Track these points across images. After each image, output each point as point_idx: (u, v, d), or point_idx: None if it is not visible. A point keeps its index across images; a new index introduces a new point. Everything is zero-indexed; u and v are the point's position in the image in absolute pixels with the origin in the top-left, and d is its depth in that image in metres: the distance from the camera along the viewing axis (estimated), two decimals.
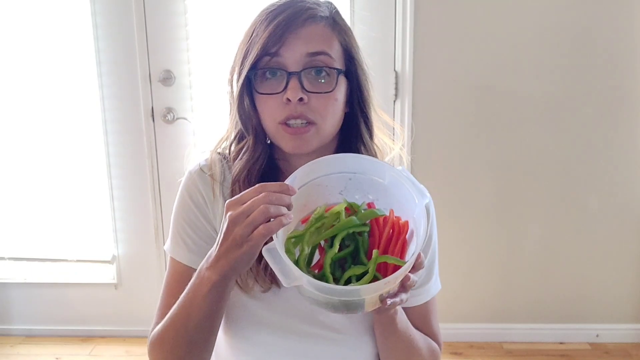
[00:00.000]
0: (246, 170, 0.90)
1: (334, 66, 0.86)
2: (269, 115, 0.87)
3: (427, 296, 0.99)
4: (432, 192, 1.01)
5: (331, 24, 0.87)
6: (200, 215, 0.93)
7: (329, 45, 0.86)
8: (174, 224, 0.96)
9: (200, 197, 0.93)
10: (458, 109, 2.20)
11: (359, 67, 0.90)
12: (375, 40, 2.14)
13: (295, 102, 0.83)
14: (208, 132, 2.24)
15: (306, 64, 0.84)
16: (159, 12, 2.16)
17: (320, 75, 0.85)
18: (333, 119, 0.88)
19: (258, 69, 0.86)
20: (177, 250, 0.94)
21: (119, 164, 2.32)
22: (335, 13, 0.89)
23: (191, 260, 0.92)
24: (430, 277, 0.98)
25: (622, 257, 2.33)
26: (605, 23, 2.12)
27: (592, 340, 2.37)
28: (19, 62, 2.31)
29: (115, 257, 2.41)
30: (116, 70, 2.23)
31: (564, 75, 2.17)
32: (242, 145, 0.93)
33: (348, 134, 0.93)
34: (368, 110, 0.93)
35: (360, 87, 0.91)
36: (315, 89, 0.85)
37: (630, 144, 2.23)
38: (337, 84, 0.86)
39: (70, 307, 2.46)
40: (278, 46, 0.84)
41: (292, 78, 0.84)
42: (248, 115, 0.90)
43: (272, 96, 0.85)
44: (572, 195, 2.28)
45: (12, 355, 2.37)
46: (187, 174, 0.96)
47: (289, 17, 0.84)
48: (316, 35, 0.85)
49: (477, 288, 2.35)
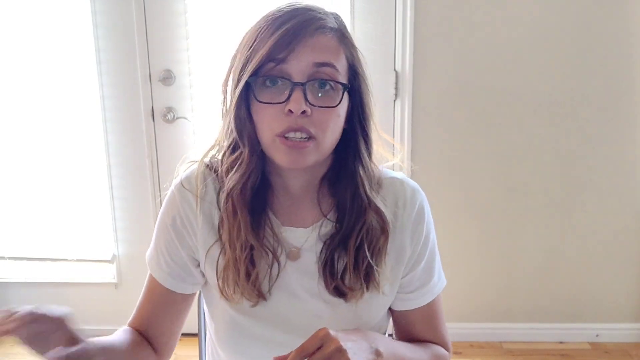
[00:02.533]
0: (240, 184, 0.86)
1: (339, 80, 0.82)
2: (267, 126, 0.82)
3: (430, 296, 0.96)
4: (432, 192, 1.02)
5: (339, 37, 0.84)
6: (176, 238, 0.92)
7: (336, 57, 0.82)
8: (155, 238, 0.96)
9: (177, 218, 0.91)
10: (458, 108, 2.20)
11: (363, 84, 0.87)
12: (376, 39, 2.14)
13: (297, 114, 0.79)
14: (208, 132, 2.24)
15: (311, 75, 0.80)
16: (159, 12, 2.16)
17: (324, 89, 0.81)
18: (333, 135, 0.84)
19: (260, 75, 0.81)
20: (153, 265, 0.95)
21: (119, 163, 2.32)
22: (343, 26, 0.86)
23: (166, 281, 0.94)
24: (431, 277, 0.96)
25: (622, 257, 2.33)
26: (605, 23, 2.12)
27: (592, 340, 2.37)
28: (19, 61, 2.30)
29: (116, 257, 2.41)
30: (116, 70, 2.23)
31: (564, 74, 2.17)
32: (235, 157, 0.88)
33: (345, 152, 0.89)
34: (369, 129, 0.89)
35: (363, 105, 0.87)
36: (319, 102, 0.81)
37: (630, 144, 2.23)
38: (342, 99, 0.83)
39: (70, 307, 2.45)
40: (285, 53, 0.79)
41: (297, 89, 0.79)
42: (244, 125, 0.85)
43: (272, 106, 0.80)
44: (572, 195, 2.27)
45: (13, 354, 2.37)
46: (171, 189, 0.94)
47: (298, 25, 0.80)
48: (324, 47, 0.81)
49: (477, 288, 2.35)
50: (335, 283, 0.89)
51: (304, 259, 0.91)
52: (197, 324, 1.15)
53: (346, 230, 0.88)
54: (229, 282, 0.89)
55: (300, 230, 0.91)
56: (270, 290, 0.90)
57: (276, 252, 0.89)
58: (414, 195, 0.93)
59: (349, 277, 0.88)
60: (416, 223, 0.92)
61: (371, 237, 0.88)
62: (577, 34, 2.14)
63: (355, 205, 0.88)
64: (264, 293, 0.89)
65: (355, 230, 0.87)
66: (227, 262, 0.88)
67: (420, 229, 0.93)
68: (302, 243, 0.91)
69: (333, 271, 0.89)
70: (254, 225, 0.88)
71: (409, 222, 0.92)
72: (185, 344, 2.44)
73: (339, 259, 0.89)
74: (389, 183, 0.93)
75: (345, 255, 0.88)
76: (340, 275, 0.89)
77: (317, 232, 0.91)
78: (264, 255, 0.88)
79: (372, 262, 0.88)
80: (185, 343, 2.42)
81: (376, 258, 0.88)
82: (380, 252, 0.89)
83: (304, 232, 0.91)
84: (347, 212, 0.88)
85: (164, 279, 0.93)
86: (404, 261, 0.93)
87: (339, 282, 0.89)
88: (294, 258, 0.91)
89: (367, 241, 0.88)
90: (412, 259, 0.93)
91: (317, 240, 0.90)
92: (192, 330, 1.14)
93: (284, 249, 0.90)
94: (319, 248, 0.90)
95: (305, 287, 0.91)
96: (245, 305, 0.90)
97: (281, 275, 0.90)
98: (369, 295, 0.90)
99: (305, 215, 0.91)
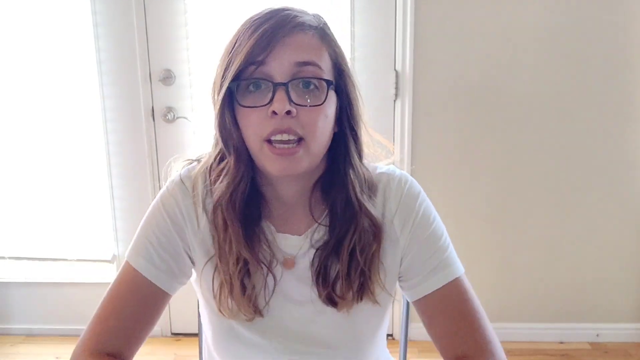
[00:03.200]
0: (228, 195, 0.83)
1: (323, 77, 0.79)
2: (252, 132, 0.79)
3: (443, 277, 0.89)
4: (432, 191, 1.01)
5: (320, 35, 0.81)
6: (174, 231, 0.88)
7: (318, 55, 0.80)
8: (142, 232, 0.90)
9: (177, 210, 0.88)
10: (458, 108, 2.20)
11: (349, 82, 0.84)
12: (376, 39, 2.14)
13: (282, 114, 0.76)
14: (208, 132, 2.24)
15: (294, 75, 0.77)
16: (159, 11, 2.17)
17: (309, 88, 0.78)
18: (322, 137, 0.80)
19: (242, 79, 0.78)
20: (139, 260, 0.88)
21: (119, 163, 2.32)
22: (324, 25, 0.83)
23: (152, 274, 0.87)
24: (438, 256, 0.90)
25: (622, 256, 2.33)
26: (605, 23, 2.12)
27: (592, 339, 2.37)
28: (19, 61, 2.31)
29: (116, 257, 2.41)
30: (116, 70, 2.23)
31: (564, 74, 2.17)
32: (222, 167, 0.85)
33: (337, 158, 0.85)
34: (358, 129, 0.86)
35: (351, 103, 0.84)
36: (303, 101, 0.78)
37: (630, 144, 2.23)
38: (328, 96, 0.79)
39: (70, 307, 2.46)
40: (264, 55, 0.77)
41: (279, 89, 0.76)
42: (229, 133, 0.82)
43: (256, 109, 0.78)
44: (572, 194, 2.27)
45: (12, 354, 2.37)
46: (167, 183, 0.91)
47: (275, 25, 0.78)
48: (305, 45, 0.79)
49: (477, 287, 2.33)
50: (327, 291, 0.86)
51: (299, 265, 0.89)
52: (197, 324, 1.15)
53: (339, 236, 0.86)
54: (225, 298, 0.86)
55: (294, 238, 0.89)
56: (267, 304, 0.88)
57: (271, 264, 0.87)
58: (399, 184, 0.90)
59: (340, 285, 0.86)
60: (404, 208, 0.89)
61: (363, 243, 0.86)
62: (577, 35, 2.14)
63: (347, 210, 0.85)
64: (261, 309, 0.87)
65: (348, 236, 0.85)
66: (221, 279, 0.86)
67: (409, 212, 0.89)
68: (297, 250, 0.89)
69: (326, 279, 0.87)
70: (247, 237, 0.85)
71: (397, 210, 0.89)
72: (185, 344, 2.44)
73: (332, 266, 0.87)
74: (377, 180, 0.90)
75: (338, 263, 0.86)
76: (332, 283, 0.87)
77: (310, 239, 0.88)
78: (258, 269, 0.86)
79: (365, 269, 0.86)
80: (185, 343, 2.43)
81: (369, 266, 0.86)
82: (373, 258, 0.87)
83: (298, 240, 0.89)
84: (339, 217, 0.86)
85: (148, 271, 0.87)
86: (400, 253, 0.90)
87: (331, 290, 0.86)
88: (289, 266, 0.89)
89: (360, 246, 0.85)
90: (408, 244, 0.89)
91: (310, 247, 0.88)
92: (192, 330, 1.14)
93: (278, 259, 0.88)
94: (312, 255, 0.88)
95: (300, 294, 0.89)
96: (242, 317, 0.88)
97: (277, 284, 0.88)
98: (363, 304, 0.88)
99: (299, 222, 0.89)
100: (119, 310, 0.87)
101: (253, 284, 0.86)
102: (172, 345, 2.35)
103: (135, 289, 0.88)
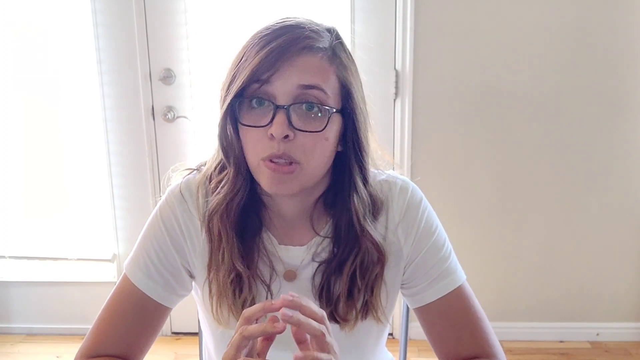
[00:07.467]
0: (224, 204, 0.83)
1: (327, 103, 0.78)
2: (251, 148, 0.79)
3: (445, 285, 0.90)
4: (432, 191, 1.02)
5: (329, 57, 0.79)
6: (172, 247, 0.88)
7: (324, 79, 0.78)
8: (141, 244, 0.90)
9: (175, 225, 0.88)
10: (458, 107, 2.20)
11: (356, 107, 0.81)
12: (376, 39, 2.14)
13: (279, 139, 0.75)
14: (208, 131, 2.24)
15: (297, 98, 0.76)
16: (159, 11, 2.16)
17: (311, 111, 0.77)
18: (320, 159, 0.80)
19: (245, 97, 0.78)
20: (138, 274, 0.88)
21: (119, 162, 2.32)
22: (336, 45, 0.81)
23: (150, 289, 0.87)
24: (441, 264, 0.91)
25: (622, 256, 2.33)
26: (605, 23, 2.12)
27: (593, 339, 2.37)
28: (19, 60, 2.31)
29: (116, 256, 2.41)
30: (116, 69, 2.23)
31: (564, 74, 2.17)
32: (222, 177, 0.85)
33: (341, 176, 0.85)
34: (363, 155, 0.84)
35: (356, 129, 0.82)
36: (303, 126, 0.76)
37: (630, 144, 2.23)
38: (329, 123, 0.78)
39: (70, 306, 2.46)
40: (269, 73, 0.76)
41: (279, 112, 0.76)
42: (230, 146, 0.82)
43: (256, 129, 0.78)
44: (572, 194, 2.27)
45: (13, 353, 2.37)
46: (166, 194, 0.91)
47: (284, 44, 0.76)
48: (311, 67, 0.77)
49: (477, 287, 2.33)
50: (329, 309, 0.86)
51: (301, 277, 0.88)
52: (197, 323, 1.15)
53: (342, 256, 0.85)
54: (219, 308, 0.86)
55: (296, 249, 0.88)
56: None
57: (271, 277, 0.86)
58: (402, 193, 0.90)
59: (343, 305, 0.86)
60: (407, 218, 0.89)
61: (366, 265, 0.85)
62: (577, 34, 2.13)
63: (350, 232, 0.85)
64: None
65: (351, 257, 0.85)
66: (214, 288, 0.86)
67: (412, 223, 0.89)
68: (299, 262, 0.88)
69: (329, 297, 0.86)
70: (245, 248, 0.85)
71: (400, 221, 0.89)
72: (185, 344, 2.45)
73: (335, 284, 0.86)
74: (379, 189, 0.89)
75: (340, 282, 0.85)
76: (335, 302, 0.86)
77: (312, 251, 0.88)
78: (258, 281, 0.86)
79: (367, 291, 0.85)
80: (185, 343, 2.43)
81: (372, 287, 0.86)
82: (376, 280, 0.86)
83: (300, 251, 0.88)
84: (343, 237, 0.85)
85: (144, 284, 0.87)
86: (403, 264, 0.90)
87: (333, 309, 0.86)
88: (290, 278, 0.88)
89: (361, 270, 0.85)
90: (411, 254, 0.90)
91: (312, 260, 0.88)
92: (192, 330, 1.14)
93: (278, 272, 0.87)
94: (314, 268, 0.87)
95: None
96: (232, 323, 0.87)
97: (276, 297, 0.87)
98: (366, 322, 0.88)
99: (300, 235, 0.88)
100: (118, 323, 0.88)
101: (245, 296, 0.85)
102: (172, 345, 2.35)
103: (134, 302, 0.88)
